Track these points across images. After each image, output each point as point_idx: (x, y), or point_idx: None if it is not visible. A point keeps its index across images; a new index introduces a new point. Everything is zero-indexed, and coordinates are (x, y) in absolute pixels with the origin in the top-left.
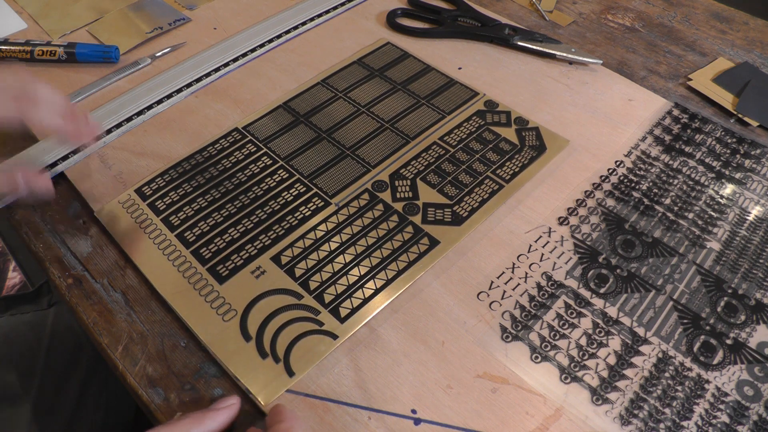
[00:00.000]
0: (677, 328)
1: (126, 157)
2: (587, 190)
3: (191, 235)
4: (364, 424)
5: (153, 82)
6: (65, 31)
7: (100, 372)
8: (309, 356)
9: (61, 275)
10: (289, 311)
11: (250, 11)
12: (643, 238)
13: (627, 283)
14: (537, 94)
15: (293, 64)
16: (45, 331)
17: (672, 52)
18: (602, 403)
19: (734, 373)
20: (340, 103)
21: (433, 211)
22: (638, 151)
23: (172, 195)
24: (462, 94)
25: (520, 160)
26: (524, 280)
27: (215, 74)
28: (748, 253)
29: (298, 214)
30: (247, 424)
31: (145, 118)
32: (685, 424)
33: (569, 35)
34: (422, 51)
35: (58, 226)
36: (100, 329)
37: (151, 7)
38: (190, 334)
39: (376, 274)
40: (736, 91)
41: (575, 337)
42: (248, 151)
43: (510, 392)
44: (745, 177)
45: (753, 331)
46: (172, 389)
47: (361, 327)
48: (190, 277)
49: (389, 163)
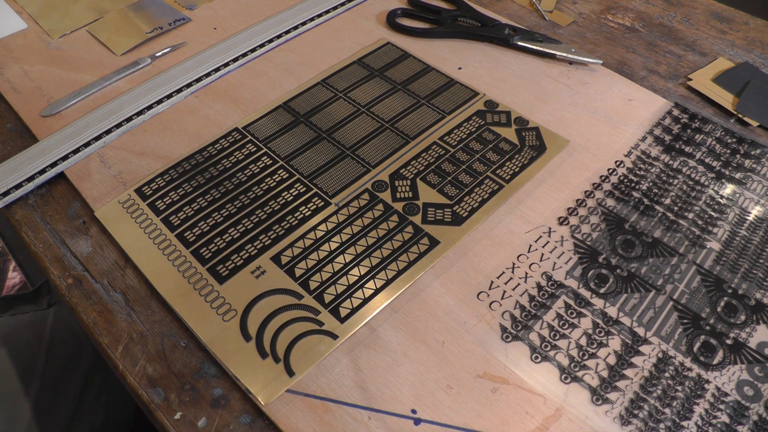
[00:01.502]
0: (677, 328)
1: (126, 157)
2: (587, 190)
3: (191, 235)
4: (364, 424)
5: (153, 82)
6: (65, 31)
7: (100, 372)
8: (309, 356)
9: (61, 275)
10: (289, 311)
11: (250, 11)
12: (643, 238)
13: (627, 283)
14: (537, 94)
15: (293, 64)
16: (45, 331)
17: (672, 52)
18: (602, 403)
19: (734, 373)
20: (340, 103)
21: (433, 211)
22: (638, 151)
23: (172, 195)
24: (462, 94)
25: (520, 160)
26: (524, 280)
27: (215, 74)
28: (748, 253)
29: (298, 214)
30: (247, 425)
31: (145, 118)
32: (685, 424)
33: (569, 35)
34: (422, 51)
35: (58, 226)
36: (100, 329)
37: (151, 7)
38: (190, 334)
39: (376, 274)
40: (736, 91)
41: (575, 337)
42: (248, 151)
43: (510, 392)
44: (745, 177)
45: (753, 331)
46: (172, 389)
47: (361, 327)
48: (190, 277)
49: (389, 163)
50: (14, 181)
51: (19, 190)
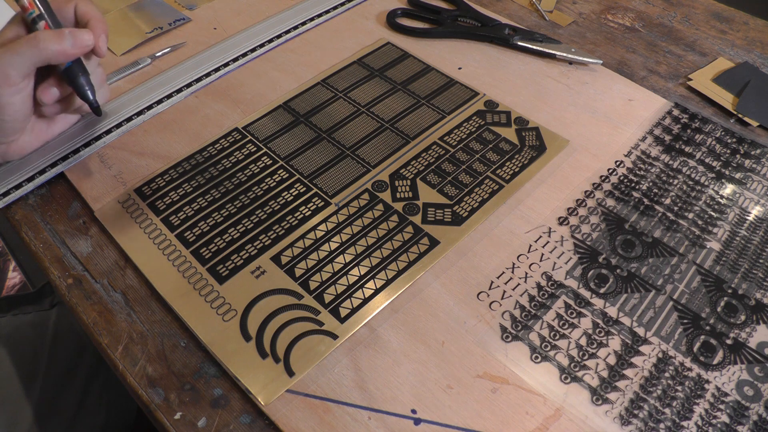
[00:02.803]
0: (677, 328)
1: (126, 157)
2: (587, 190)
3: (191, 235)
4: (364, 424)
5: (153, 82)
6: None
7: (102, 372)
8: (309, 356)
9: (61, 275)
10: (289, 311)
11: (250, 11)
12: (643, 238)
13: (627, 283)
14: (537, 94)
15: (293, 64)
16: (48, 331)
17: (672, 52)
18: (602, 403)
19: (734, 373)
20: (340, 103)
21: (433, 211)
22: (638, 151)
23: (172, 195)
24: (462, 94)
25: (520, 160)
26: (524, 280)
27: (215, 74)
28: (748, 253)
29: (298, 214)
30: (246, 425)
31: (145, 118)
32: (685, 424)
33: (569, 35)
34: (422, 51)
35: (58, 226)
36: (100, 329)
37: (151, 7)
38: (190, 334)
39: (376, 274)
40: (736, 91)
41: (575, 337)
42: (248, 151)
43: (510, 392)
44: (745, 177)
45: (753, 331)
46: (172, 389)
47: (361, 327)
48: (190, 277)
49: (389, 163)
50: (14, 182)
51: (19, 190)
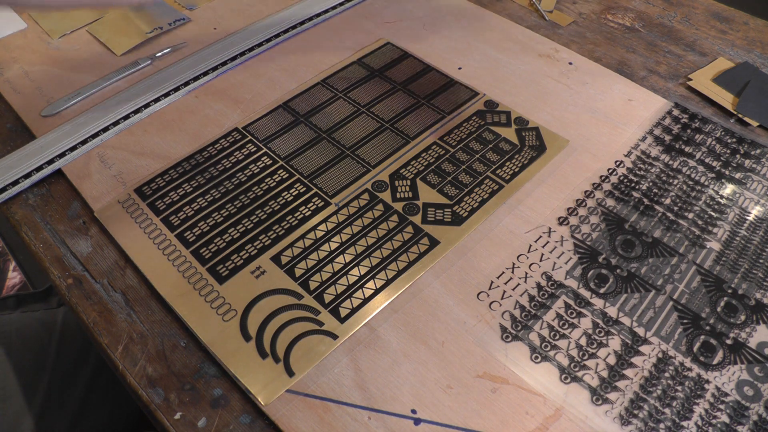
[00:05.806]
0: (677, 328)
1: (126, 157)
2: (587, 190)
3: (191, 235)
4: (364, 424)
5: (151, 80)
6: (65, 31)
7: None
8: (309, 356)
9: (61, 275)
10: (289, 311)
11: (250, 11)
12: (643, 238)
13: (627, 283)
14: (537, 94)
15: (293, 64)
16: (55, 329)
17: (672, 52)
18: (602, 403)
19: (734, 373)
20: (340, 103)
21: (433, 211)
22: (638, 151)
23: (172, 195)
24: (462, 94)
25: (520, 160)
26: (524, 280)
27: (214, 73)
28: (748, 253)
29: (298, 214)
30: (246, 425)
31: (143, 116)
32: (685, 424)
33: (569, 35)
34: (422, 51)
35: (58, 226)
36: (100, 329)
37: (151, 7)
38: (190, 334)
39: (376, 274)
40: (736, 91)
41: (575, 337)
42: (248, 151)
43: (510, 392)
44: (745, 177)
45: (753, 331)
46: (172, 389)
47: (361, 327)
48: (190, 277)
49: (389, 163)
50: (11, 178)
51: (16, 186)
